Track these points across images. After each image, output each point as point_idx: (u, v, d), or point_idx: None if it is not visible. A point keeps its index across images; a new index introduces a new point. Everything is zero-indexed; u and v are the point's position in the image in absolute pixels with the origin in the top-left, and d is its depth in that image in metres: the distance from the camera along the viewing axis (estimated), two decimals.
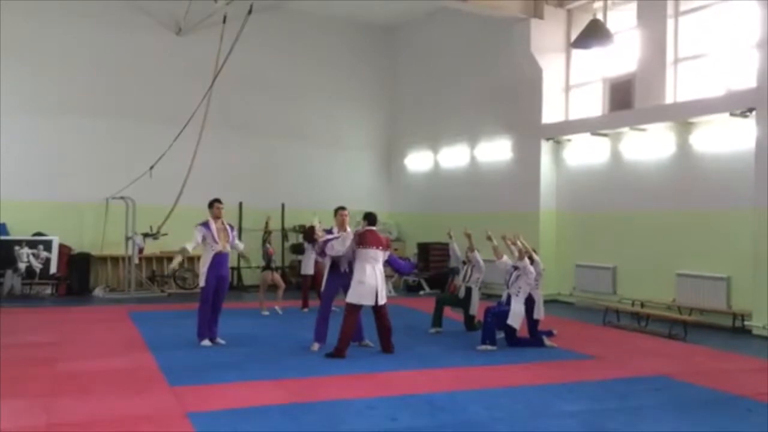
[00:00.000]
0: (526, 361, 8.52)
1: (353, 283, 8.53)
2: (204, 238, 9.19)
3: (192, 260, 14.98)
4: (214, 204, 9.48)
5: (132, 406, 6.21)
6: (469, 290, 10.63)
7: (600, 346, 9.60)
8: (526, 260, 9.24)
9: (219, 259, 9.26)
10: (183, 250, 9.41)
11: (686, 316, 11.31)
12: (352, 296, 8.51)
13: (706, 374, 7.96)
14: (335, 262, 8.99)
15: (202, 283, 9.26)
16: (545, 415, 6.28)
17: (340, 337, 8.42)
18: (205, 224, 9.30)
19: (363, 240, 8.58)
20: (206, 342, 9.15)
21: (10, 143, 15.21)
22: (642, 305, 12.19)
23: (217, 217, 9.40)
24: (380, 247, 8.66)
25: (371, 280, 8.45)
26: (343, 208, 9.35)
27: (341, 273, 8.97)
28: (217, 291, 9.28)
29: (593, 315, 12.43)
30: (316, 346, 8.82)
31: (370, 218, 8.83)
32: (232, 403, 6.30)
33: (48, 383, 6.96)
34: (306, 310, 12.39)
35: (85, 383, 6.97)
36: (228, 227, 9.52)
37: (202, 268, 9.26)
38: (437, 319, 10.68)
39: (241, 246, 9.94)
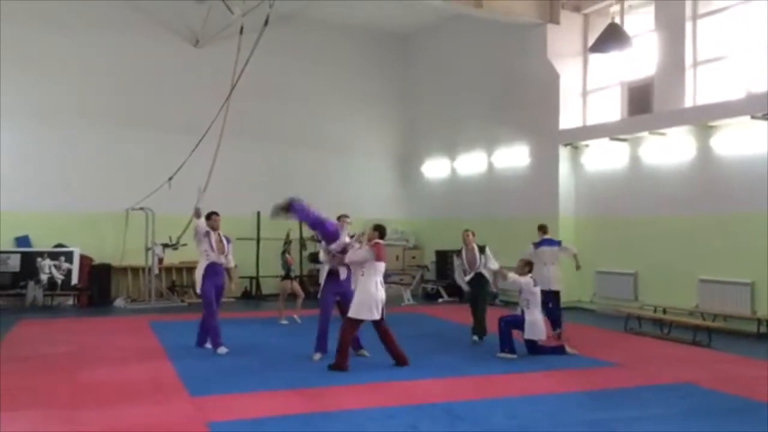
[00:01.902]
0: (547, 368, 8.44)
1: (359, 297, 8.27)
2: (203, 241, 9.44)
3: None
4: (212, 216, 9.70)
5: (153, 416, 6.23)
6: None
7: (622, 354, 9.48)
8: (522, 279, 9.40)
9: (214, 268, 9.48)
10: (197, 211, 9.62)
11: (710, 322, 11.14)
12: (358, 311, 8.23)
13: (731, 381, 7.83)
14: (333, 270, 8.95)
15: (198, 290, 9.52)
16: (567, 423, 6.20)
17: (339, 350, 8.15)
18: (207, 233, 9.55)
19: (380, 253, 8.42)
20: (223, 349, 9.22)
21: (31, 156, 15.46)
22: (664, 311, 12.03)
23: (214, 229, 9.63)
24: (385, 261, 8.58)
25: (381, 294, 8.35)
26: (345, 216, 9.27)
27: (340, 281, 8.96)
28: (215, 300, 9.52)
29: (614, 322, 12.29)
30: (317, 356, 8.82)
31: (381, 231, 8.56)
32: (252, 413, 6.30)
33: (70, 393, 7.01)
34: None
35: (106, 393, 7.00)
36: (225, 240, 9.74)
37: (198, 276, 9.47)
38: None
39: (231, 262, 9.96)
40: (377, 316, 8.33)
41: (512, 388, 7.45)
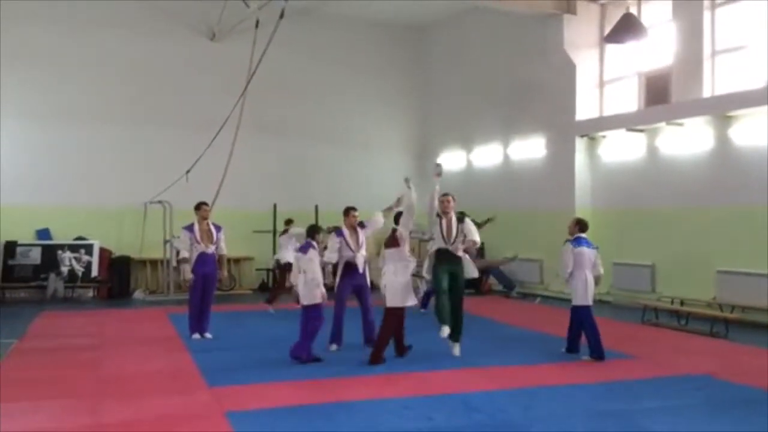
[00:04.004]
0: (563, 360, 8.44)
1: (393, 286, 8.20)
2: (190, 240, 9.84)
3: (230, 262, 15.13)
4: (201, 206, 10.09)
5: (172, 406, 6.33)
6: None
7: (639, 345, 9.45)
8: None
9: (203, 258, 9.84)
10: (182, 259, 9.99)
11: (727, 313, 11.06)
12: (396, 299, 8.18)
13: (749, 373, 7.79)
14: (350, 262, 8.99)
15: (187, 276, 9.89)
16: (583, 414, 6.22)
17: (378, 343, 8.19)
18: (190, 227, 9.92)
19: (394, 241, 8.46)
20: (196, 336, 9.72)
21: (52, 151, 15.69)
22: (682, 303, 11.95)
23: (203, 219, 9.97)
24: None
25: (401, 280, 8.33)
26: (353, 209, 9.29)
27: (358, 273, 9.04)
28: (204, 288, 9.88)
29: (631, 313, 12.25)
30: (333, 347, 8.90)
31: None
32: (269, 403, 6.39)
33: (91, 384, 7.14)
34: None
35: (126, 384, 7.12)
36: (214, 229, 10.05)
37: (186, 267, 9.87)
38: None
39: (223, 250, 10.19)
40: (414, 302, 8.50)
41: (528, 379, 7.46)
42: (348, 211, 9.30)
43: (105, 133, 16.16)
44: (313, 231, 8.54)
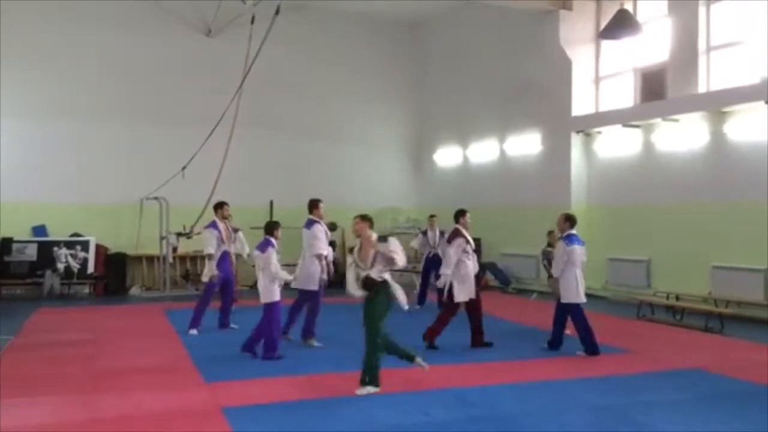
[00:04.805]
0: (558, 355, 8.48)
1: (463, 281, 8.76)
2: (216, 239, 9.91)
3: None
4: (223, 206, 10.19)
5: (168, 401, 6.34)
6: None
7: (634, 340, 9.50)
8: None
9: (225, 256, 10.08)
10: (210, 256, 10.00)
11: (722, 308, 11.11)
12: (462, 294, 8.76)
13: (744, 367, 7.84)
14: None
15: (206, 279, 10.00)
16: (577, 408, 6.25)
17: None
18: (214, 225, 9.99)
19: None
20: (194, 331, 9.79)
21: (48, 147, 15.65)
22: (677, 298, 12.01)
23: (224, 218, 10.11)
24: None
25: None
26: (318, 200, 9.32)
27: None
28: (225, 286, 10.14)
29: (627, 309, 12.29)
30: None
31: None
32: (265, 398, 6.40)
33: (87, 380, 7.14)
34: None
35: (122, 380, 7.13)
36: (231, 229, 10.26)
37: (213, 264, 9.91)
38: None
39: (245, 249, 10.39)
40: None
41: (524, 374, 7.50)
42: (316, 202, 9.28)
43: (101, 130, 16.12)
44: (271, 227, 8.47)
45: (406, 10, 18.69)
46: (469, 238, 9.14)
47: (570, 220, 8.85)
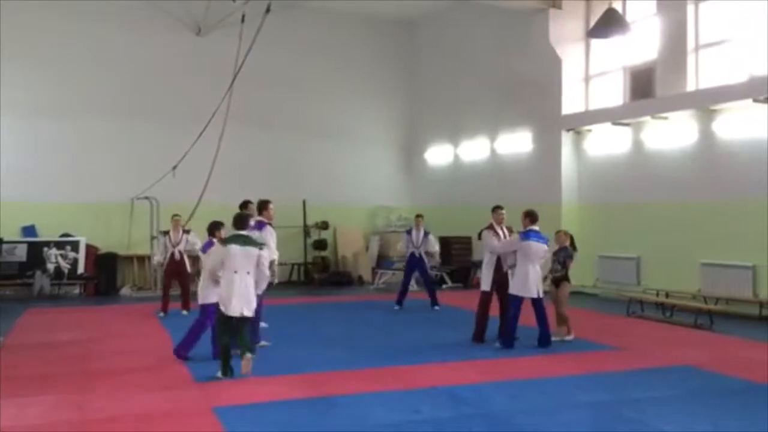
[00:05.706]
0: (549, 352, 8.51)
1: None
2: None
3: None
4: (247, 205, 9.40)
5: (159, 401, 6.32)
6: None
7: (624, 337, 9.54)
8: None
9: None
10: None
11: (712, 305, 11.18)
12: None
13: (733, 364, 7.89)
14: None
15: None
16: (568, 406, 6.27)
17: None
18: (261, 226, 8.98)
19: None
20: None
21: (37, 146, 15.57)
22: (667, 295, 12.08)
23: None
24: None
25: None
26: (268, 201, 9.14)
27: None
28: None
29: (617, 306, 12.35)
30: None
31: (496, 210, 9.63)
32: (256, 398, 6.39)
33: (78, 380, 7.10)
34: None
35: (113, 380, 7.10)
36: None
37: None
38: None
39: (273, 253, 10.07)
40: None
41: (515, 372, 7.52)
42: (266, 203, 9.10)
43: (91, 129, 16.05)
44: (213, 228, 8.34)
45: (398, 9, 18.69)
46: (499, 232, 9.28)
47: (530, 216, 9.11)
